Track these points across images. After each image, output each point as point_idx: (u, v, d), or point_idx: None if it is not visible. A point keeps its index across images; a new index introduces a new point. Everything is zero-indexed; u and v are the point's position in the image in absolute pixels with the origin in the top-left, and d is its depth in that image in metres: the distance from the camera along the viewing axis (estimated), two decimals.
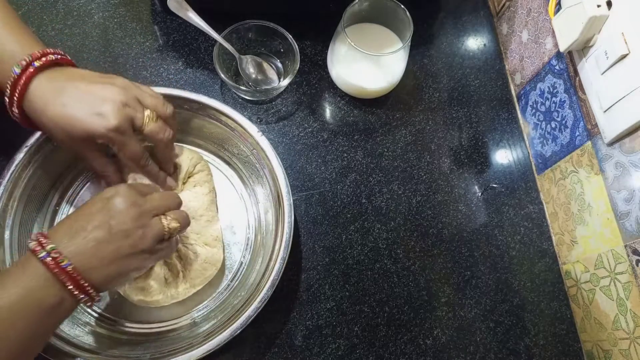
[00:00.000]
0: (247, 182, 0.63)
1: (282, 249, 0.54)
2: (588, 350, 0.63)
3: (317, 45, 0.72)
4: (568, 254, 0.66)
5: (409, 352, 0.60)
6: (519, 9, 0.72)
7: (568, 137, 0.64)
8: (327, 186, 0.66)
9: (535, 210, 0.69)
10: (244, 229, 0.61)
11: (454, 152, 0.71)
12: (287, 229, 0.55)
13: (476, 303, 0.64)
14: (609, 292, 0.58)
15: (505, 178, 0.71)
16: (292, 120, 0.69)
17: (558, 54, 0.64)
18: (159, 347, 0.52)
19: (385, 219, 0.66)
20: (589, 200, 0.61)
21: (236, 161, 0.63)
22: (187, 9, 0.63)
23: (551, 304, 0.65)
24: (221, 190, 0.62)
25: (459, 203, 0.68)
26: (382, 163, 0.68)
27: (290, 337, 0.59)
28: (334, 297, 0.61)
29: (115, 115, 0.46)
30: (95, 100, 0.46)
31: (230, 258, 0.60)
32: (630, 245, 0.54)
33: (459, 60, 0.76)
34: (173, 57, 0.69)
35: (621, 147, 0.55)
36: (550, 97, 0.67)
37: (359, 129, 0.70)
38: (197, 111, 0.59)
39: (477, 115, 0.73)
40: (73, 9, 0.70)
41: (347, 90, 0.69)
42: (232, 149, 0.62)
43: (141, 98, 0.49)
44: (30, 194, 0.55)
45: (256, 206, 0.62)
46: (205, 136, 0.62)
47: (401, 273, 0.64)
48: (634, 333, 0.55)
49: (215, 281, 0.57)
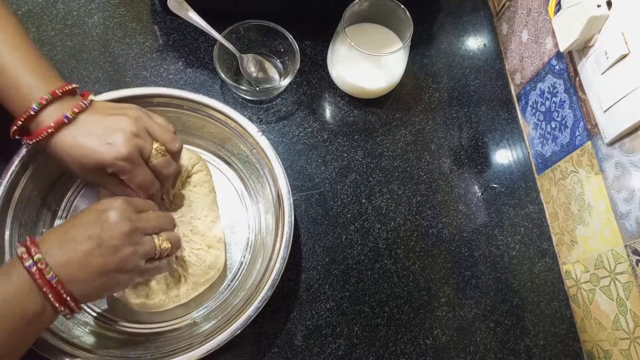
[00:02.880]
0: (247, 182, 0.63)
1: (282, 249, 0.54)
2: (588, 350, 0.63)
3: (317, 45, 0.72)
4: (568, 254, 0.66)
5: (409, 352, 0.60)
6: (519, 9, 0.72)
7: (568, 137, 0.64)
8: (327, 186, 0.66)
9: (535, 210, 0.69)
10: (244, 229, 0.61)
11: (454, 152, 0.71)
12: (287, 229, 0.55)
13: (476, 303, 0.64)
14: (609, 292, 0.58)
15: (505, 178, 0.71)
16: (292, 120, 0.69)
17: (558, 54, 0.64)
18: (160, 347, 0.52)
19: (385, 219, 0.66)
20: (589, 200, 0.61)
21: (236, 161, 0.63)
22: (187, 9, 0.63)
23: (551, 304, 0.65)
24: (221, 190, 0.62)
25: (459, 203, 0.68)
26: (382, 163, 0.68)
27: (290, 337, 0.59)
28: (334, 297, 0.61)
29: (125, 145, 0.46)
30: (107, 131, 0.47)
31: (231, 258, 0.60)
32: (630, 245, 0.54)
33: (459, 60, 0.76)
34: (173, 57, 0.69)
35: (621, 147, 0.55)
36: (550, 97, 0.67)
37: (359, 129, 0.70)
38: (196, 111, 0.59)
39: (477, 115, 0.73)
40: (73, 9, 0.70)
41: (347, 90, 0.69)
42: (232, 148, 0.62)
43: (151, 130, 0.50)
44: (30, 195, 0.55)
45: (256, 206, 0.62)
46: (205, 136, 0.62)
47: (401, 273, 0.64)
48: (634, 333, 0.55)
49: (216, 282, 0.57)
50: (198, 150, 0.62)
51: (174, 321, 0.56)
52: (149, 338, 0.55)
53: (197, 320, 0.56)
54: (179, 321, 0.56)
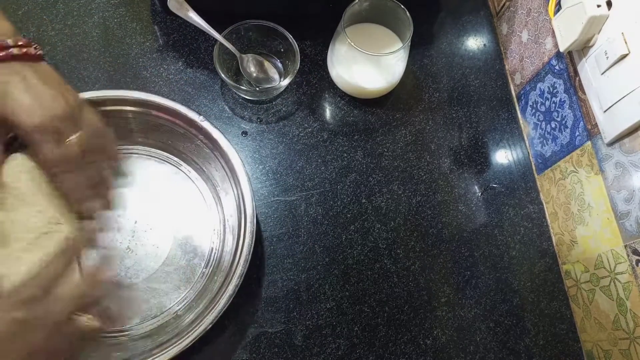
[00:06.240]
0: (202, 169, 0.63)
1: (248, 224, 0.55)
2: (588, 350, 0.63)
3: (317, 45, 0.72)
4: (568, 254, 0.66)
5: (409, 352, 0.60)
6: (519, 9, 0.72)
7: (568, 137, 0.64)
8: (327, 186, 0.66)
9: (535, 210, 0.69)
10: (209, 216, 0.62)
11: (454, 152, 0.71)
12: (249, 200, 0.56)
13: (476, 303, 0.64)
14: (609, 292, 0.58)
15: (505, 178, 0.71)
16: (292, 120, 0.69)
17: (558, 54, 0.64)
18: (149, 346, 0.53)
19: (385, 219, 0.66)
20: (588, 200, 0.61)
21: (187, 152, 0.63)
22: (187, 9, 0.63)
23: (551, 304, 0.65)
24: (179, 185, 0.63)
25: (459, 203, 0.68)
26: (382, 163, 0.68)
27: (290, 337, 0.59)
28: (334, 297, 0.61)
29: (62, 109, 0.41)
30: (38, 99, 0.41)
31: (201, 246, 0.60)
32: (630, 245, 0.54)
33: (459, 60, 0.76)
34: (173, 57, 0.69)
35: (621, 147, 0.55)
36: (550, 97, 0.67)
37: (359, 129, 0.70)
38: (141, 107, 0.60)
39: (477, 115, 0.73)
40: (73, 9, 0.70)
41: (347, 90, 0.69)
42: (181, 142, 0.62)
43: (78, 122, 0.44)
44: None
45: (217, 193, 0.62)
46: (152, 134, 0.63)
47: (401, 273, 0.64)
48: (634, 333, 0.55)
49: (190, 271, 0.58)
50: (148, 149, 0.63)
51: (156, 319, 0.57)
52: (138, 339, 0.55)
53: (180, 312, 0.57)
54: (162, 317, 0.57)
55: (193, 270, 0.59)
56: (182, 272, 0.59)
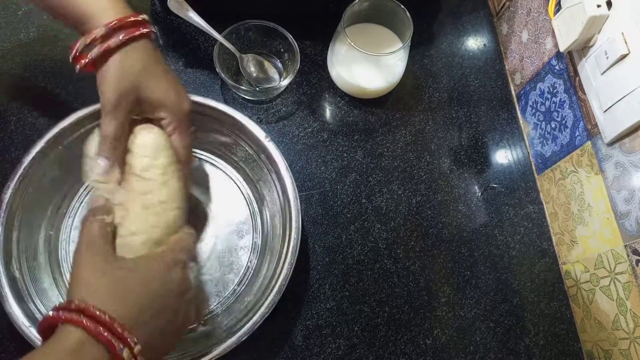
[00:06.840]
0: (255, 185, 0.62)
1: (289, 255, 0.53)
2: (588, 350, 0.63)
3: (317, 45, 0.72)
4: (568, 254, 0.66)
5: (409, 352, 0.60)
6: (519, 9, 0.72)
7: (568, 137, 0.64)
8: (327, 186, 0.66)
9: (535, 210, 0.69)
10: (251, 233, 0.61)
11: (454, 152, 0.71)
12: (295, 234, 0.54)
13: (476, 303, 0.64)
14: (609, 292, 0.58)
15: (505, 178, 0.71)
16: (292, 120, 0.69)
17: (558, 54, 0.64)
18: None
19: (385, 219, 0.66)
20: (588, 200, 0.61)
21: (243, 165, 0.62)
22: (187, 9, 0.63)
23: (551, 304, 0.65)
24: (228, 194, 0.62)
25: (459, 203, 0.68)
26: (382, 163, 0.68)
27: (290, 337, 0.59)
28: (334, 297, 0.61)
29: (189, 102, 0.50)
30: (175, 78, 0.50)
31: (238, 262, 0.60)
32: (630, 245, 0.54)
33: (459, 60, 0.76)
34: (173, 57, 0.69)
35: (621, 147, 0.55)
36: (550, 97, 0.67)
37: (359, 129, 0.70)
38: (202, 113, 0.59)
39: (477, 115, 0.73)
40: None
41: (347, 90, 0.69)
42: (239, 153, 0.62)
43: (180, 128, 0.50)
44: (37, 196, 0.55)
45: (264, 210, 0.61)
46: (212, 140, 0.62)
47: (401, 273, 0.64)
48: (634, 333, 0.55)
49: (222, 285, 0.57)
50: (203, 154, 0.62)
51: None
52: None
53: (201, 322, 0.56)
54: None
55: (225, 285, 0.58)
56: (214, 285, 0.58)
